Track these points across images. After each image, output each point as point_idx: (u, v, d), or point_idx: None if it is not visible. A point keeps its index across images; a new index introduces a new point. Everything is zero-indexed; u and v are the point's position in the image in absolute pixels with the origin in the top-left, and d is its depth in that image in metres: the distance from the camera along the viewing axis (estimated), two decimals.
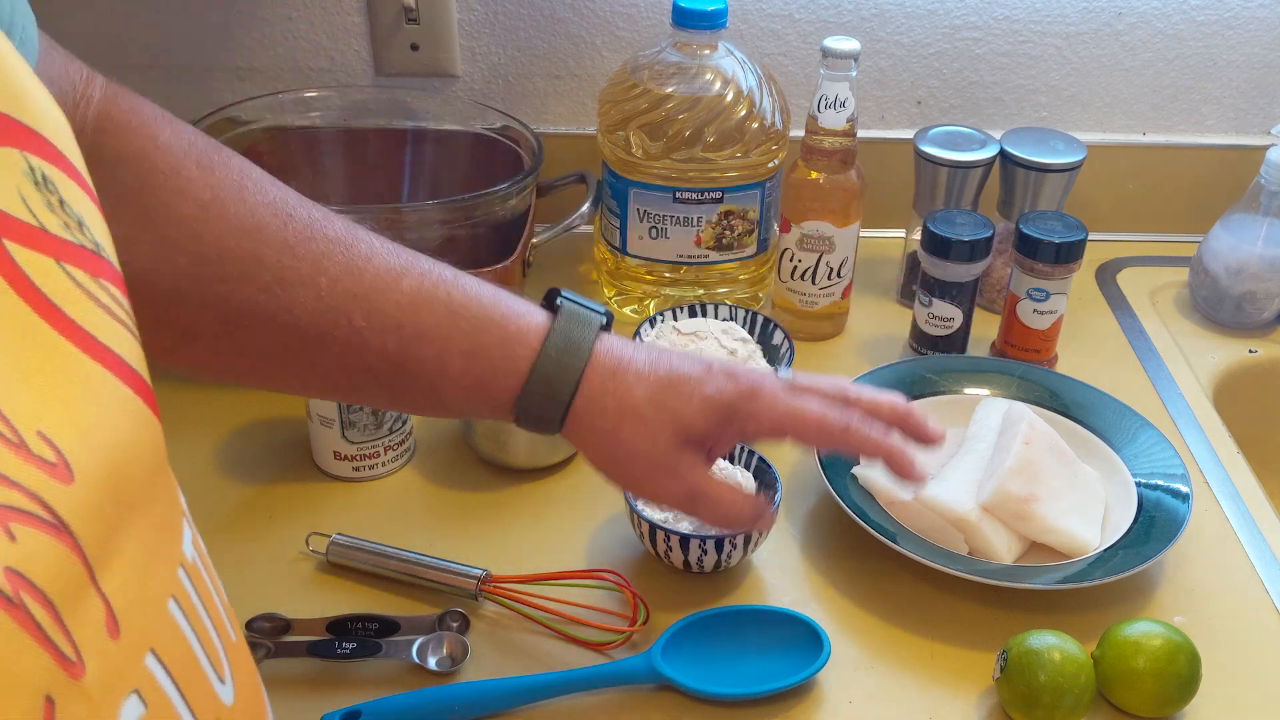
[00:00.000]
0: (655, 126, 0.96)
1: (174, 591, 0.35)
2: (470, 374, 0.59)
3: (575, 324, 0.61)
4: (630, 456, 0.61)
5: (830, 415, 0.62)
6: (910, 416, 0.64)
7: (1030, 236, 0.93)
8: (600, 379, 0.61)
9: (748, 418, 0.61)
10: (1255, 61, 1.13)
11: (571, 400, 0.60)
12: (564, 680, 0.70)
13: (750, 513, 0.65)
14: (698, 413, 0.61)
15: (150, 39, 1.11)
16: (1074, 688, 0.67)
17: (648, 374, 0.61)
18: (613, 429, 0.61)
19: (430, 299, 0.58)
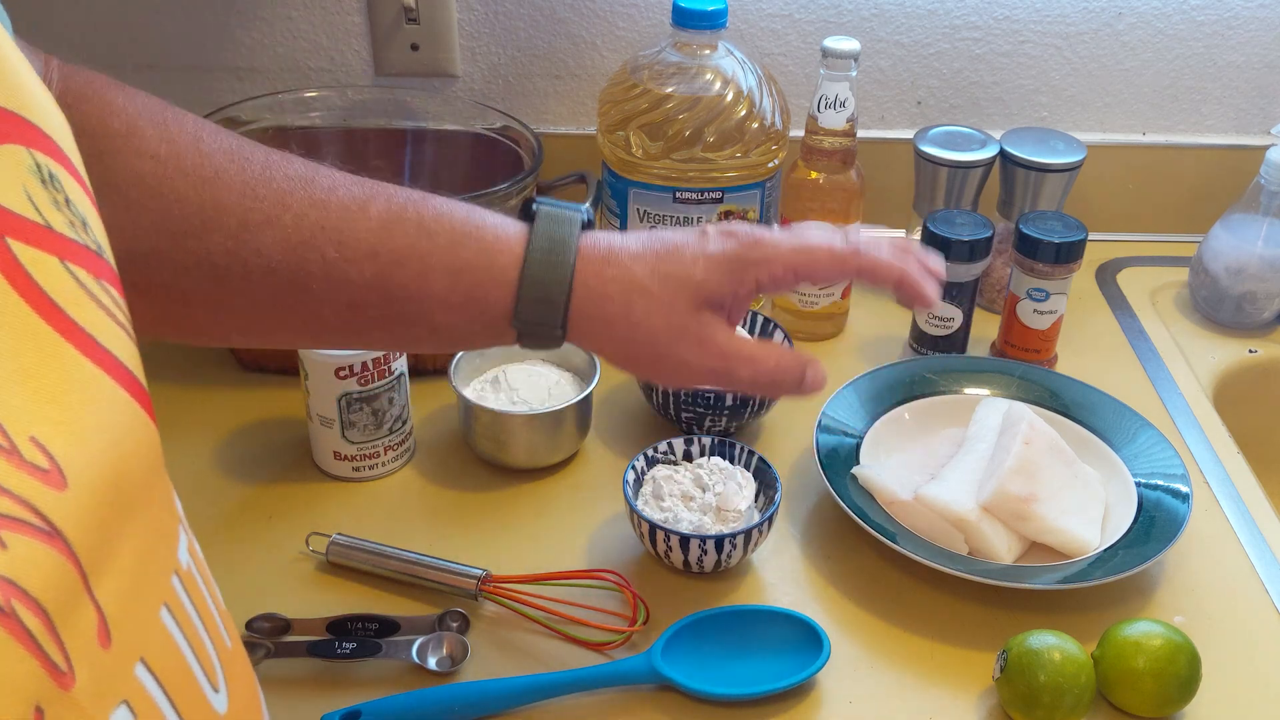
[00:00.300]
0: (655, 126, 0.96)
1: (167, 599, 0.34)
2: (457, 291, 0.57)
3: (556, 223, 0.59)
4: (649, 336, 0.58)
5: (837, 242, 0.59)
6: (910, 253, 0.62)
7: (1030, 236, 0.93)
8: (595, 269, 0.58)
9: (759, 264, 0.58)
10: (1255, 61, 1.13)
11: (569, 299, 0.57)
12: (564, 680, 0.70)
13: (796, 370, 0.60)
14: (706, 272, 0.58)
15: (150, 39, 1.11)
16: (1074, 688, 0.67)
17: (643, 252, 0.59)
18: (623, 313, 0.58)
19: (400, 220, 0.57)
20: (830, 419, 0.87)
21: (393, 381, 0.84)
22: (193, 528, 0.86)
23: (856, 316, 1.06)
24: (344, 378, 0.81)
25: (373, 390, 0.83)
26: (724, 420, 0.88)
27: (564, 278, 0.57)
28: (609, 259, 0.58)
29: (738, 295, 0.59)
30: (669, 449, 0.83)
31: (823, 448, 0.84)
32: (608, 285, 0.58)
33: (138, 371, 0.34)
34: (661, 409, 0.89)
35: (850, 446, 0.85)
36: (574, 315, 0.58)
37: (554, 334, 0.58)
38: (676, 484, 0.80)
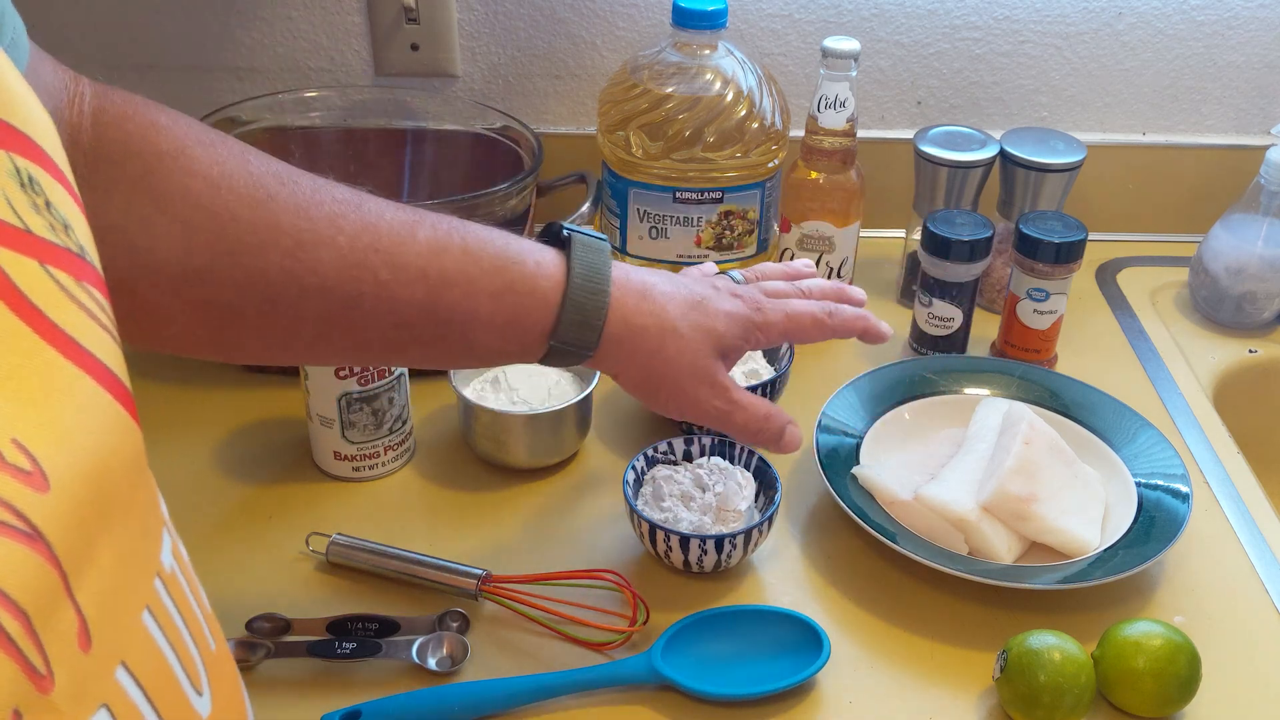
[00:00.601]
0: (655, 126, 0.96)
1: (149, 601, 0.34)
2: (501, 313, 0.61)
3: (590, 252, 0.64)
4: (675, 373, 0.65)
5: (816, 310, 0.69)
6: (844, 291, 0.73)
7: (1030, 236, 0.93)
8: (632, 301, 0.64)
9: (762, 328, 0.68)
10: (1255, 61, 1.13)
11: (604, 324, 0.63)
12: (564, 680, 0.70)
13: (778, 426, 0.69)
14: (726, 327, 0.66)
15: (150, 39, 1.11)
16: (1074, 688, 0.67)
17: (674, 294, 0.66)
18: (656, 348, 0.64)
19: (446, 245, 0.60)
20: (830, 419, 0.87)
21: (393, 381, 0.84)
22: (193, 528, 0.87)
23: None
24: (344, 377, 0.81)
25: (373, 390, 0.83)
26: None
27: (602, 305, 0.63)
28: (645, 295, 0.65)
29: (739, 351, 0.69)
30: (669, 449, 0.83)
31: (823, 448, 0.84)
32: (645, 319, 0.64)
33: (121, 373, 0.34)
34: None
35: (850, 446, 0.85)
36: (606, 339, 0.63)
37: (585, 355, 0.64)
38: (676, 484, 0.80)
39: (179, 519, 0.89)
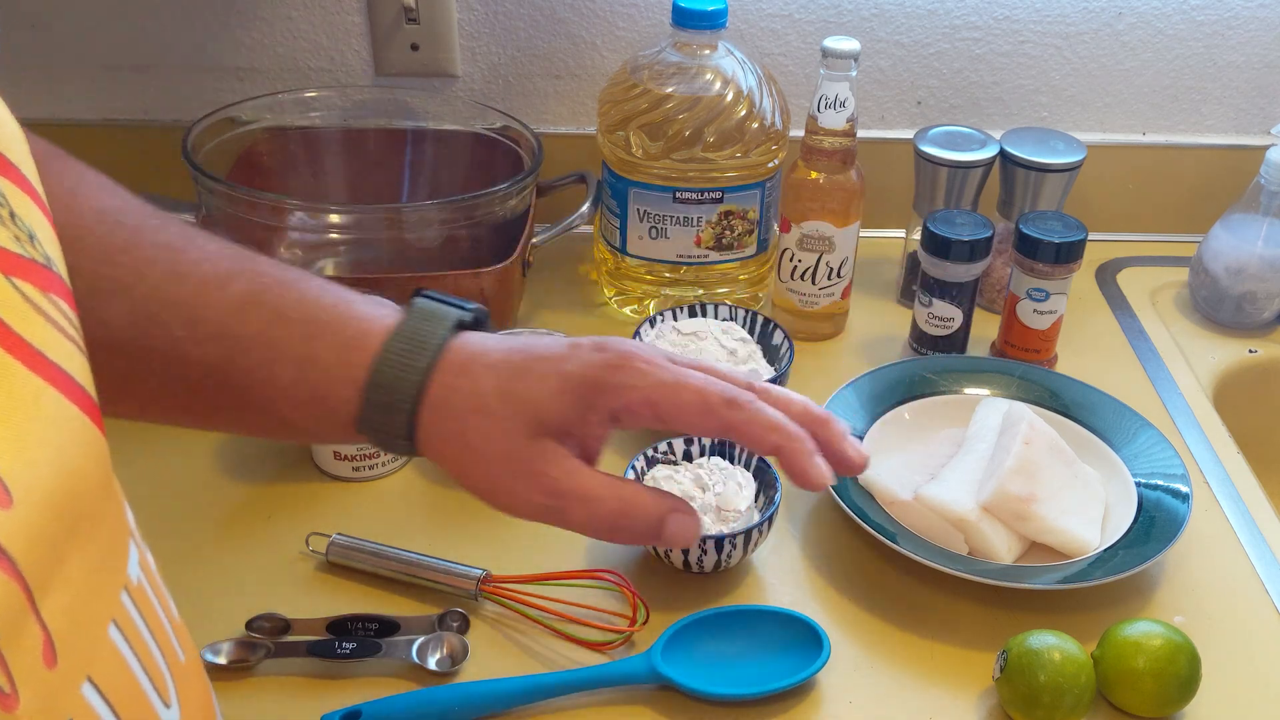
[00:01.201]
0: (655, 126, 0.96)
1: (115, 616, 0.34)
2: (303, 385, 0.51)
3: (425, 321, 0.52)
4: (483, 460, 0.51)
5: (714, 390, 0.50)
6: (829, 425, 0.52)
7: (1030, 236, 0.93)
8: (448, 378, 0.51)
9: (614, 392, 0.50)
10: (1255, 61, 1.13)
11: (416, 409, 0.51)
12: (564, 680, 0.70)
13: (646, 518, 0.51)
14: (553, 396, 0.50)
15: (150, 39, 1.11)
16: (1074, 688, 0.67)
17: (501, 363, 0.51)
18: (459, 431, 0.51)
19: (257, 303, 0.51)
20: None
21: None
22: (193, 528, 0.87)
23: (856, 316, 1.06)
24: None
25: None
26: None
27: (413, 385, 0.51)
28: (464, 368, 0.51)
29: (588, 423, 0.51)
30: (669, 449, 0.83)
31: None
32: (452, 397, 0.51)
33: (88, 384, 0.34)
34: None
35: None
36: (420, 427, 0.51)
37: (400, 445, 0.52)
38: (676, 484, 0.80)
39: (179, 519, 0.89)
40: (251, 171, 1.03)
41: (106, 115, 1.14)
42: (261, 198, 0.94)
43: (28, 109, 1.26)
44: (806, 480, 0.50)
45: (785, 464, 0.50)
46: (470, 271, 0.93)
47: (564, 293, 1.09)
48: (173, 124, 1.13)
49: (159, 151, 1.11)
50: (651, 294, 1.04)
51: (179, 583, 0.77)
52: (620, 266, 1.04)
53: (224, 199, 0.94)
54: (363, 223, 0.98)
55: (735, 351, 0.91)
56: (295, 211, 0.97)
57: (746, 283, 1.05)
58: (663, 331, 0.93)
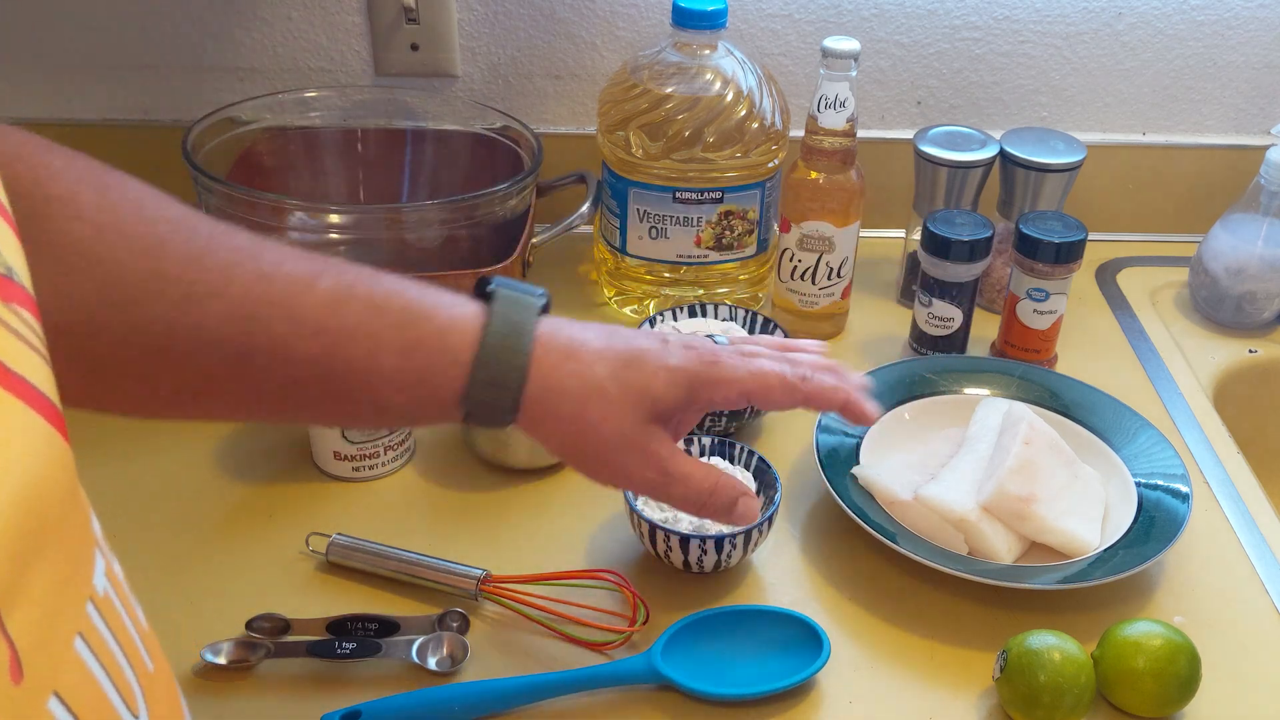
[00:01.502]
0: (655, 126, 0.96)
1: (81, 628, 0.34)
2: (407, 371, 0.55)
3: (514, 307, 0.58)
4: (599, 439, 0.58)
5: (788, 372, 0.61)
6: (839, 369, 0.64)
7: (1030, 236, 0.93)
8: (554, 360, 0.57)
9: (715, 384, 0.59)
10: (1255, 61, 1.13)
11: (523, 386, 0.57)
12: (564, 680, 0.70)
13: (727, 498, 0.61)
14: (665, 386, 0.58)
15: (150, 39, 1.11)
16: (1074, 688, 0.67)
17: (606, 351, 0.58)
18: (578, 411, 0.57)
19: (350, 296, 0.55)
20: (830, 419, 0.87)
21: None
22: (193, 528, 0.87)
23: (856, 316, 1.06)
24: None
25: None
26: (724, 420, 0.88)
27: (520, 365, 0.57)
28: (570, 353, 0.58)
29: (688, 411, 0.61)
30: None
31: (823, 448, 0.84)
32: (566, 380, 0.57)
33: (52, 394, 0.33)
34: None
35: (850, 446, 0.85)
36: (527, 402, 0.57)
37: (503, 419, 0.58)
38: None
39: (179, 519, 0.89)
40: (251, 171, 1.03)
41: (106, 115, 1.14)
42: (261, 198, 0.94)
43: (28, 109, 1.27)
44: (865, 419, 0.62)
45: (848, 412, 0.62)
46: (470, 271, 0.93)
47: (564, 293, 1.08)
48: (173, 124, 1.13)
49: (159, 151, 1.11)
50: (651, 294, 1.04)
51: (179, 583, 0.77)
52: (620, 266, 1.04)
53: (224, 199, 0.94)
54: (363, 223, 0.98)
55: None
56: (295, 211, 0.97)
57: (746, 283, 1.05)
58: (663, 331, 0.93)
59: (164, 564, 0.79)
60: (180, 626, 0.74)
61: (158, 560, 0.79)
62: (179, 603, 0.76)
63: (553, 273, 1.09)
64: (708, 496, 0.60)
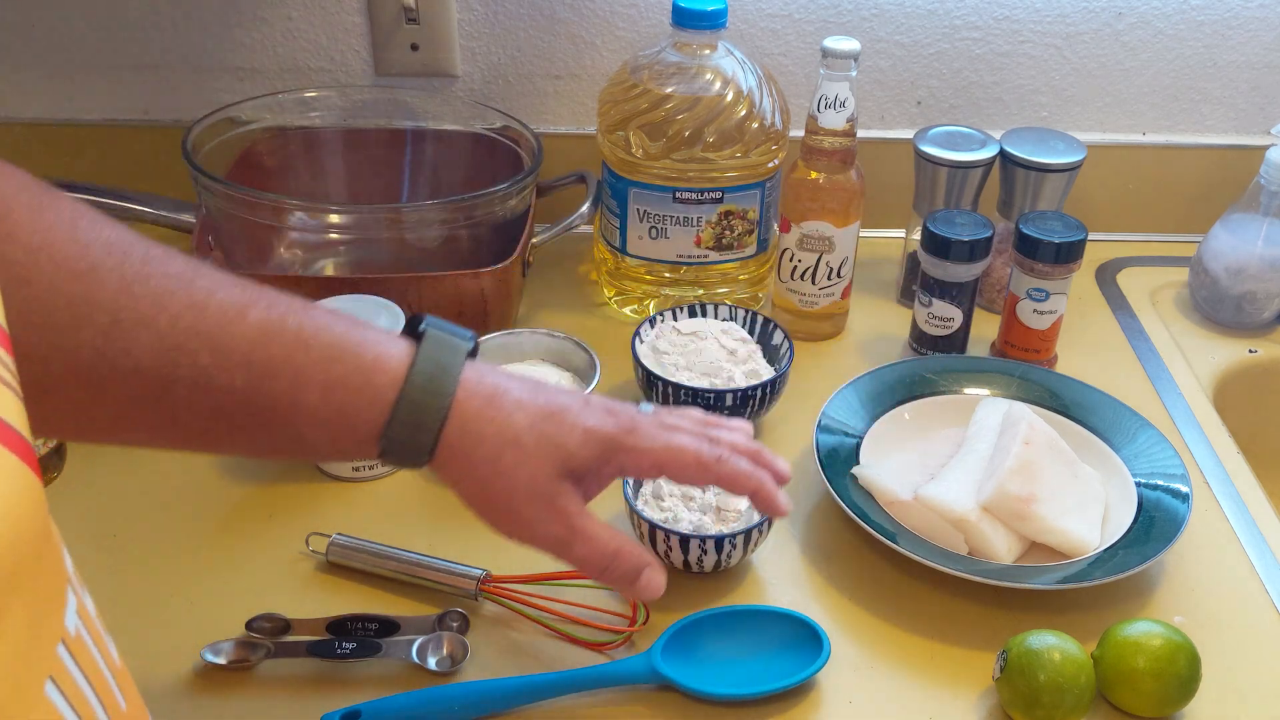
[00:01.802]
0: (655, 126, 0.96)
1: (52, 671, 0.33)
2: (329, 407, 0.55)
3: (441, 349, 0.58)
4: (510, 488, 0.58)
5: (704, 450, 0.61)
6: (761, 454, 0.64)
7: (1030, 236, 0.93)
8: (475, 406, 0.58)
9: (629, 451, 0.60)
10: (1255, 61, 1.13)
11: (442, 428, 0.57)
12: (564, 680, 0.70)
13: (630, 565, 0.60)
14: (580, 444, 0.59)
15: (150, 39, 1.11)
16: (1074, 688, 0.67)
17: (527, 402, 0.59)
18: (492, 458, 0.58)
19: (279, 330, 0.55)
20: (830, 419, 0.87)
21: None
22: (193, 528, 0.86)
23: (856, 316, 1.06)
24: None
25: None
26: None
27: (442, 407, 0.57)
28: (492, 400, 0.58)
29: (600, 473, 0.61)
30: None
31: (823, 448, 0.84)
32: (485, 426, 0.58)
33: (24, 429, 0.33)
34: None
35: (850, 446, 0.85)
36: (444, 445, 0.57)
37: (419, 459, 0.58)
38: (676, 484, 0.80)
39: (180, 519, 0.89)
40: (251, 171, 1.03)
41: (106, 115, 1.14)
42: (261, 198, 0.94)
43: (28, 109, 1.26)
44: (775, 511, 0.63)
45: (758, 500, 0.62)
46: (470, 271, 0.93)
47: (564, 293, 1.09)
48: (173, 124, 1.13)
49: (159, 151, 1.11)
50: (651, 294, 1.04)
51: (179, 583, 0.77)
52: (620, 266, 1.04)
53: (224, 199, 0.94)
54: (363, 223, 0.98)
55: (735, 351, 0.91)
56: (295, 211, 0.97)
57: (746, 283, 1.05)
58: (663, 331, 0.93)
59: (164, 564, 0.79)
60: (180, 626, 0.74)
61: (158, 560, 0.79)
62: (179, 603, 0.76)
63: (553, 273, 1.09)
64: (610, 560, 0.60)
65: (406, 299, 0.90)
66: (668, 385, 0.87)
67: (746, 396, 0.87)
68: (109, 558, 0.79)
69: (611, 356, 0.93)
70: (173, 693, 0.70)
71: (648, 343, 0.93)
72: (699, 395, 0.86)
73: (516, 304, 1.01)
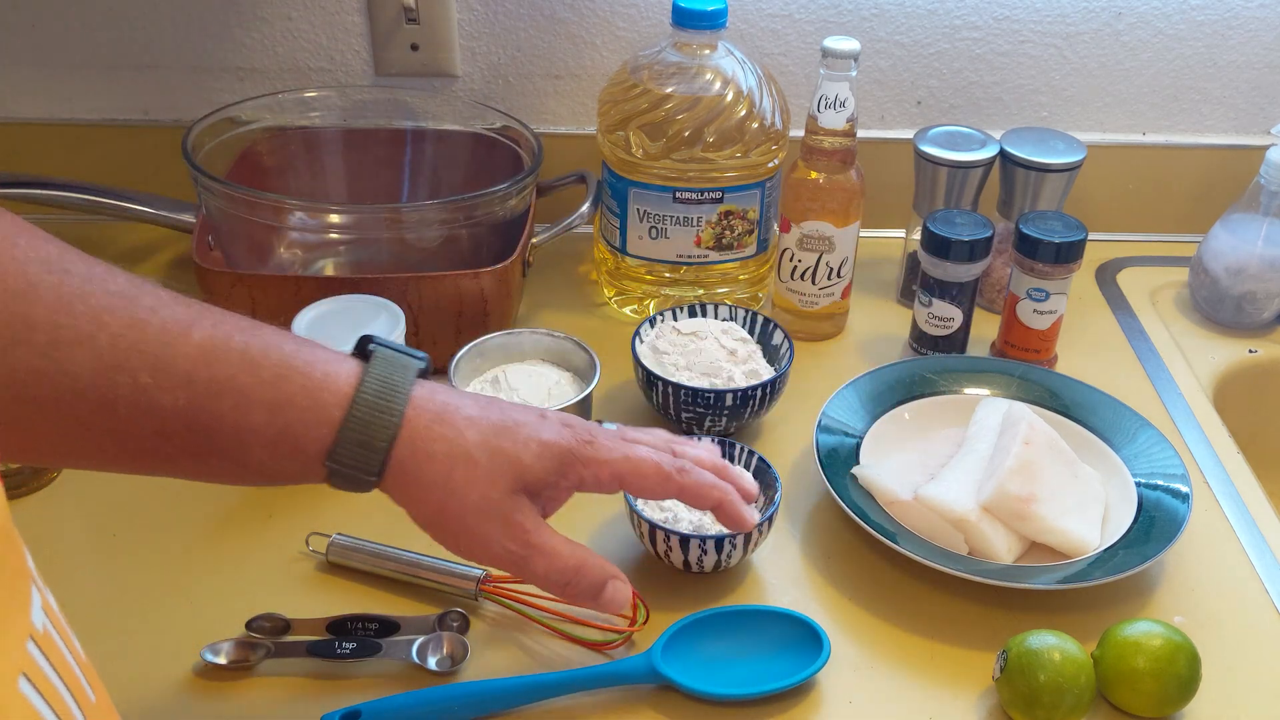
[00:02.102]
0: (655, 126, 0.96)
1: (24, 668, 0.33)
2: (274, 426, 0.54)
3: (391, 367, 0.57)
4: (462, 505, 0.57)
5: (666, 461, 0.60)
6: (728, 470, 0.64)
7: (1030, 236, 0.93)
8: (425, 423, 0.56)
9: (586, 464, 0.59)
10: (1255, 61, 1.13)
11: (391, 448, 0.55)
12: (564, 680, 0.70)
13: (594, 578, 0.59)
14: (535, 458, 0.57)
15: (150, 39, 1.11)
16: (1074, 688, 0.67)
17: (479, 418, 0.58)
18: (443, 476, 0.56)
19: (224, 348, 0.54)
20: (830, 419, 0.87)
21: None
22: (193, 527, 0.86)
23: (856, 316, 1.06)
24: None
25: None
26: (724, 420, 0.88)
27: (391, 424, 0.55)
28: (442, 417, 0.57)
29: (557, 487, 0.59)
30: None
31: (823, 448, 0.84)
32: (434, 444, 0.56)
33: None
34: (661, 409, 0.89)
35: (850, 446, 0.85)
36: (393, 465, 0.56)
37: (367, 480, 0.56)
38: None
39: (180, 519, 0.89)
40: (251, 171, 1.03)
41: (106, 115, 1.14)
42: (261, 198, 0.94)
43: (28, 109, 1.26)
44: (742, 524, 0.63)
45: (723, 513, 0.62)
46: (470, 271, 0.93)
47: (564, 293, 1.09)
48: (173, 124, 1.13)
49: (159, 151, 1.11)
50: (651, 294, 1.04)
51: (179, 583, 0.77)
52: (620, 266, 1.04)
53: (224, 199, 0.94)
54: (363, 223, 0.98)
55: (735, 351, 0.91)
56: (295, 211, 0.97)
57: (746, 283, 1.05)
58: (662, 331, 0.93)
59: (164, 564, 0.79)
60: (180, 626, 0.74)
61: (158, 560, 0.79)
62: (179, 603, 0.76)
63: (553, 273, 1.09)
64: (572, 574, 0.58)
65: (406, 299, 0.90)
66: (668, 385, 0.87)
67: (746, 396, 0.87)
68: (109, 558, 0.79)
69: (611, 356, 0.93)
70: (173, 693, 0.70)
71: (648, 343, 0.93)
72: (699, 395, 0.86)
73: (516, 304, 1.01)
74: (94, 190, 1.00)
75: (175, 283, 1.07)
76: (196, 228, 0.98)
